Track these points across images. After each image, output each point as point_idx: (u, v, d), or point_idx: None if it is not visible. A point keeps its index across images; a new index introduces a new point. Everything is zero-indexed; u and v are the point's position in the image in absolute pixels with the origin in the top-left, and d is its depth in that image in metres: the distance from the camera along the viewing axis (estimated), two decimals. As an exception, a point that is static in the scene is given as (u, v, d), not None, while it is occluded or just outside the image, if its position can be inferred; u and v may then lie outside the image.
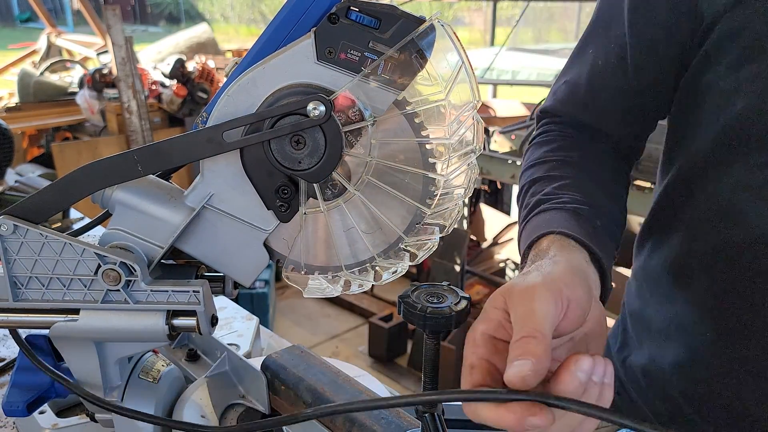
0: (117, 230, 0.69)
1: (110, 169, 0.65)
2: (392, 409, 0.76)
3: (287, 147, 0.62)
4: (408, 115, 0.61)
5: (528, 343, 0.50)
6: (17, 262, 0.69)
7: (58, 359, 0.79)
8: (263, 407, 0.85)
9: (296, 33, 0.59)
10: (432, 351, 0.65)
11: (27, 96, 5.13)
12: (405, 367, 3.78)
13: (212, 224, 0.68)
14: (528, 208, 0.81)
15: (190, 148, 0.63)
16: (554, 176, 0.83)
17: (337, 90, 0.60)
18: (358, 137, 0.62)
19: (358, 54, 0.58)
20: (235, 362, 0.88)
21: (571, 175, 0.83)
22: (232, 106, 0.62)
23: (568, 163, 0.86)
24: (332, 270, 0.69)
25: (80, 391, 0.74)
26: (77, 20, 13.40)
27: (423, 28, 0.57)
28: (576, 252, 0.68)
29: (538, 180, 0.84)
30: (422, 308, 0.61)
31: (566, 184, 0.81)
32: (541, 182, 0.83)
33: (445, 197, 0.65)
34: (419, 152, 0.62)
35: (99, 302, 0.70)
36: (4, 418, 0.91)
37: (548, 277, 0.57)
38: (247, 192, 0.66)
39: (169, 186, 0.71)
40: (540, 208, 0.78)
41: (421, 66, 0.58)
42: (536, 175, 0.85)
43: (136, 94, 4.34)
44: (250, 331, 1.14)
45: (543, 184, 0.83)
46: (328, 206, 0.65)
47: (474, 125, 0.63)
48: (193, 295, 0.69)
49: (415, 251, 0.68)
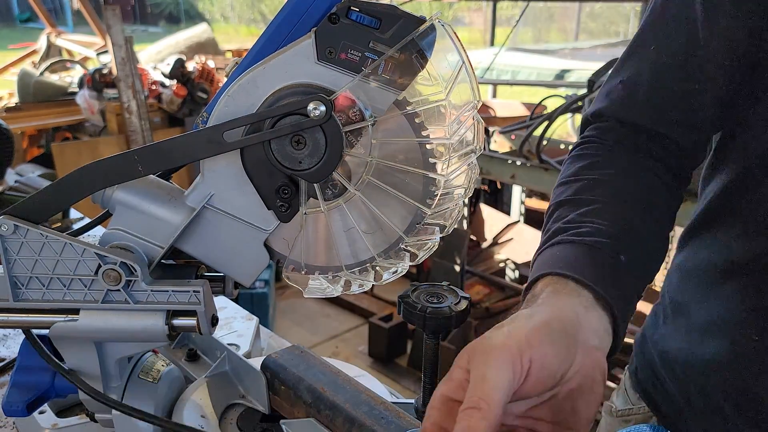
0: (117, 230, 0.69)
1: (110, 169, 0.65)
2: (392, 409, 0.76)
3: (288, 147, 0.62)
4: (408, 115, 0.61)
5: (471, 416, 0.49)
6: (17, 262, 0.69)
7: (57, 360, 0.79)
8: (263, 407, 0.85)
9: (297, 33, 0.60)
10: (432, 351, 0.65)
11: (27, 96, 5.13)
12: (405, 367, 3.77)
13: (212, 224, 0.68)
14: (546, 236, 0.75)
15: (191, 148, 0.63)
16: (582, 200, 0.76)
17: (337, 90, 0.60)
18: (359, 137, 0.62)
19: (359, 54, 0.59)
20: (235, 362, 0.88)
21: (602, 198, 0.76)
22: (233, 106, 0.62)
23: (603, 183, 0.78)
24: (333, 270, 0.69)
25: (88, 388, 0.74)
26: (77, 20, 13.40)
27: (423, 28, 0.57)
28: (570, 298, 0.63)
29: (564, 203, 0.78)
30: (422, 308, 0.61)
31: (594, 209, 0.74)
32: (567, 206, 0.77)
33: (445, 197, 0.65)
34: (420, 152, 0.62)
35: (99, 302, 0.70)
36: (4, 418, 0.91)
37: (511, 337, 0.54)
38: (247, 192, 0.66)
39: (170, 186, 0.71)
40: (555, 239, 0.72)
41: (421, 66, 0.59)
42: (563, 197, 0.79)
43: (136, 94, 4.34)
44: (250, 331, 1.13)
45: (568, 208, 0.76)
46: (328, 206, 0.65)
47: (474, 125, 0.63)
48: (193, 295, 0.69)
49: (415, 251, 0.68)
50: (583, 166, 0.81)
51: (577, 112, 3.10)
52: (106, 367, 0.77)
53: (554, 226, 0.75)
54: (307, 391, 0.79)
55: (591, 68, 4.23)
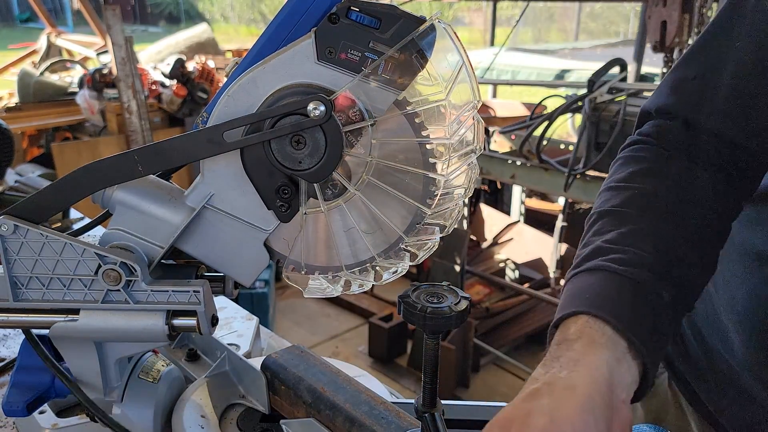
0: (117, 230, 0.69)
1: (110, 169, 0.65)
2: (392, 409, 0.76)
3: (287, 147, 0.62)
4: (408, 115, 0.61)
5: None
6: (18, 262, 0.69)
7: (58, 359, 0.79)
8: (263, 407, 0.85)
9: (297, 33, 0.59)
10: (432, 351, 0.65)
11: (27, 96, 5.13)
12: (405, 367, 3.78)
13: (212, 224, 0.68)
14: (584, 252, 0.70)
15: (191, 148, 0.63)
16: (627, 215, 0.70)
17: (337, 90, 0.60)
18: (359, 137, 0.62)
19: (359, 54, 0.58)
20: (235, 362, 0.88)
21: (650, 217, 0.69)
22: (233, 106, 0.62)
23: (654, 197, 0.71)
24: (332, 270, 0.69)
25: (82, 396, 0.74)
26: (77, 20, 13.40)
27: (423, 28, 0.57)
28: (605, 350, 0.59)
29: (608, 213, 0.72)
30: (422, 308, 0.61)
31: (639, 230, 0.68)
32: (611, 219, 0.71)
33: (445, 197, 0.65)
34: (420, 152, 0.62)
35: (99, 302, 0.70)
36: (4, 418, 0.91)
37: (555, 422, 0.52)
38: (247, 192, 0.66)
39: (170, 186, 0.71)
40: (593, 262, 0.67)
41: (421, 66, 0.58)
42: (608, 206, 0.73)
43: (136, 94, 4.33)
44: (250, 331, 1.13)
45: (611, 221, 0.71)
46: (328, 206, 0.65)
47: (474, 125, 0.63)
48: (193, 295, 0.69)
49: (415, 251, 0.68)
50: (636, 172, 0.75)
51: (577, 112, 3.10)
52: (106, 367, 0.77)
53: (594, 242, 0.70)
54: (307, 391, 0.79)
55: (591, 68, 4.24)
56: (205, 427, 0.82)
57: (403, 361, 3.82)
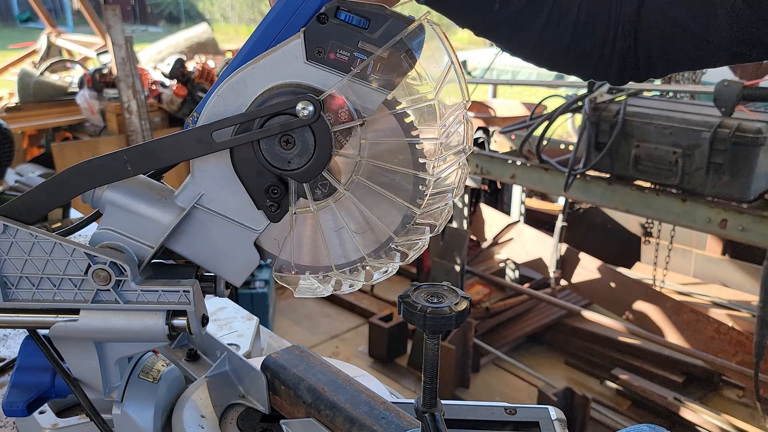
0: (107, 230, 0.69)
1: (100, 169, 0.65)
2: (392, 409, 0.75)
3: (277, 147, 0.62)
4: (398, 115, 0.61)
5: None
6: (7, 261, 0.69)
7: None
8: (263, 407, 0.85)
9: (286, 33, 0.59)
10: (432, 351, 0.65)
11: (27, 96, 5.13)
12: (405, 367, 3.78)
13: (202, 224, 0.68)
14: None
15: (180, 148, 0.63)
16: None
17: (326, 90, 0.60)
18: (348, 137, 0.62)
19: (348, 54, 0.58)
20: (235, 362, 0.88)
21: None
22: (222, 106, 0.62)
23: None
24: (323, 270, 0.69)
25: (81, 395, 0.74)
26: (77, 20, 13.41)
27: (412, 29, 0.57)
28: None
29: None
30: (422, 308, 0.61)
31: None
32: None
33: (435, 197, 0.65)
34: (409, 152, 0.62)
35: (89, 302, 0.70)
36: (4, 418, 0.91)
37: None
38: (237, 192, 0.66)
39: (160, 186, 0.71)
40: None
41: (410, 66, 0.58)
42: None
43: (136, 94, 4.34)
44: (250, 331, 1.13)
45: None
46: (318, 206, 0.65)
47: (464, 125, 0.62)
48: (183, 295, 0.69)
49: (405, 251, 0.68)
50: None
51: (577, 112, 3.09)
52: (107, 367, 0.76)
53: None
54: (307, 391, 0.79)
55: (591, 68, 4.21)
56: (205, 427, 0.82)
57: (403, 361, 3.82)
